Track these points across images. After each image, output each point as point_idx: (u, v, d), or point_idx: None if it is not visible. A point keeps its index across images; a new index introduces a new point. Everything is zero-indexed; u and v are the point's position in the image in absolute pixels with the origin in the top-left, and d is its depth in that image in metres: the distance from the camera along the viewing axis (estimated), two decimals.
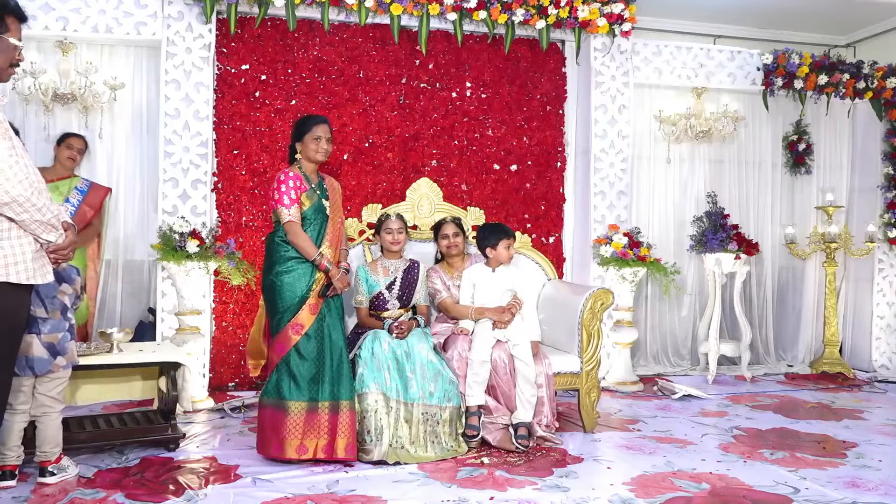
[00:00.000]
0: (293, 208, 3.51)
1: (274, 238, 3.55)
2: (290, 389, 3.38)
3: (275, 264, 3.50)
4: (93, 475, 3.17)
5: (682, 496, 3.03)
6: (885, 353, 6.24)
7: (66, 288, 3.13)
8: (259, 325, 3.98)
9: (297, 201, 3.52)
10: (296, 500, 2.92)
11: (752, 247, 5.74)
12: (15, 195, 2.19)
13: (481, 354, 3.70)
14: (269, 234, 3.60)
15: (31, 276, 2.32)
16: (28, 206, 2.23)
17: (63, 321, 3.12)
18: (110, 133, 5.02)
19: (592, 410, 4.04)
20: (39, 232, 2.32)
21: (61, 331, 3.10)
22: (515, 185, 5.56)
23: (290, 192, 3.53)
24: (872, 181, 6.28)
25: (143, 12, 4.79)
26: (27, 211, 2.24)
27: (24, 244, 2.30)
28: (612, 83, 5.56)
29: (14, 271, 2.27)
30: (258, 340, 4.01)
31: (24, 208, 2.23)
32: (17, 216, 2.25)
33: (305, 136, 3.63)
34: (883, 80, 6.10)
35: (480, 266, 3.99)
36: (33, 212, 2.25)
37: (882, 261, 6.26)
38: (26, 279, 2.30)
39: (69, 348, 3.14)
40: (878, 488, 3.15)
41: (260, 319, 3.92)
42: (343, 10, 5.07)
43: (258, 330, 4.00)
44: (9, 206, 2.21)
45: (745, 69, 6.04)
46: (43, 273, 2.37)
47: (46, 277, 2.39)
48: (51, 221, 2.32)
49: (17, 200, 2.20)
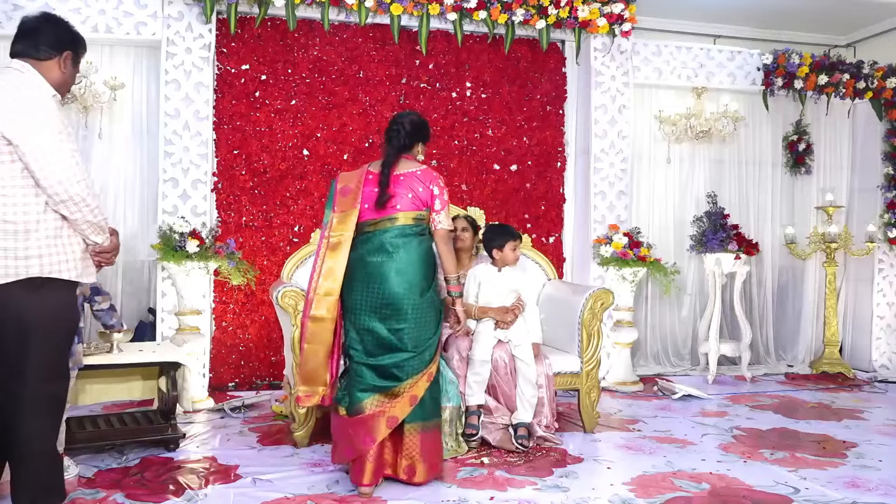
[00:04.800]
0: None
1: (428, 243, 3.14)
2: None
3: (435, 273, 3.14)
4: (93, 475, 3.17)
5: (682, 496, 3.03)
6: (885, 353, 6.24)
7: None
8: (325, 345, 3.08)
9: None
10: (296, 500, 2.92)
11: (752, 247, 5.74)
12: (73, 193, 2.34)
13: (482, 354, 3.70)
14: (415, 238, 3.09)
15: (80, 275, 2.46)
16: (83, 206, 2.38)
17: None
18: (110, 133, 5.01)
19: (592, 410, 4.04)
20: (89, 233, 2.46)
21: None
22: (515, 185, 5.56)
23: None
24: (872, 181, 6.28)
25: (143, 12, 4.79)
26: (81, 210, 2.38)
27: (74, 243, 2.44)
28: (612, 83, 5.56)
29: (66, 268, 2.41)
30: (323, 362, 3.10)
31: (78, 207, 2.37)
32: (70, 214, 2.38)
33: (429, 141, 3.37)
34: (883, 80, 6.10)
35: (487, 266, 3.99)
36: (86, 212, 2.39)
37: (882, 261, 6.26)
38: (76, 276, 2.44)
39: (75, 351, 3.13)
40: (878, 488, 3.15)
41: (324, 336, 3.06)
42: (343, 10, 5.07)
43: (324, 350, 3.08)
44: (65, 204, 2.35)
45: (745, 69, 6.04)
46: (88, 273, 2.50)
47: (90, 278, 2.51)
48: (101, 223, 2.47)
49: (74, 199, 2.35)
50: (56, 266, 2.39)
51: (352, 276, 3.07)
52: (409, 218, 3.09)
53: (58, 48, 2.50)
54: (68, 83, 2.58)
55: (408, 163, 3.19)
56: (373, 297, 3.04)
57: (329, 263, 3.05)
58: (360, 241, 3.09)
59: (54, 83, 2.49)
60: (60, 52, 2.51)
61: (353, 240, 3.08)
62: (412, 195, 3.10)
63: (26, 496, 2.44)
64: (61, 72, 2.52)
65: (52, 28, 2.52)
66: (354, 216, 3.08)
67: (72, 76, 2.58)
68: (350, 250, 3.07)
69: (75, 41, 2.58)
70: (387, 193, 3.07)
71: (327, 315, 3.03)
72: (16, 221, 2.33)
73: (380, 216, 3.09)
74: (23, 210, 2.34)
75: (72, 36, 2.57)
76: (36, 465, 2.46)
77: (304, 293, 3.63)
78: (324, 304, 3.02)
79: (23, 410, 2.42)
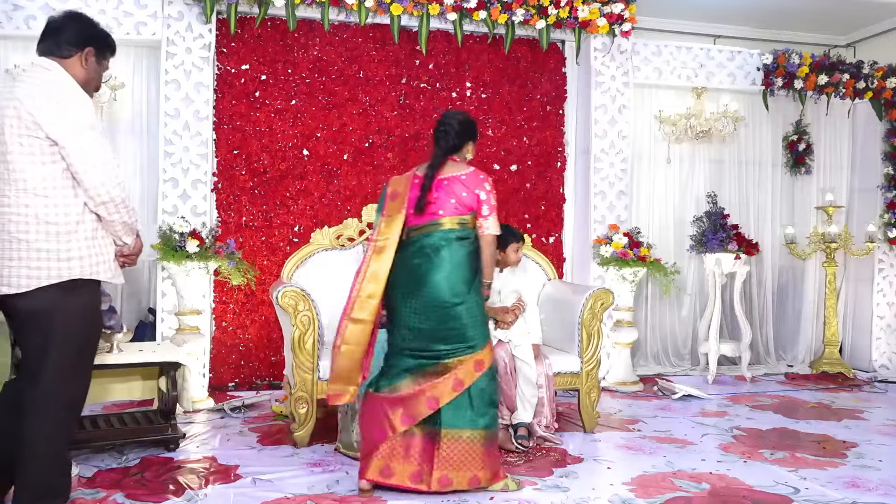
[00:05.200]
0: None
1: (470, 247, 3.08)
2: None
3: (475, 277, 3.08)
4: (93, 475, 3.17)
5: (682, 496, 3.03)
6: (885, 353, 6.24)
7: None
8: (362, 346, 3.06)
9: None
10: (296, 500, 2.92)
11: (752, 247, 5.74)
12: (114, 195, 2.40)
13: None
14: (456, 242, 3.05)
15: (114, 276, 2.52)
16: (121, 208, 2.43)
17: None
18: (110, 133, 5.01)
19: (592, 410, 4.04)
20: (122, 234, 2.51)
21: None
22: (515, 185, 5.56)
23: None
24: (872, 181, 6.28)
25: (143, 12, 4.79)
26: (119, 212, 2.43)
27: (108, 244, 2.50)
28: (612, 83, 5.56)
29: (103, 269, 2.47)
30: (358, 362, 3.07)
31: (117, 209, 2.43)
32: (108, 215, 2.43)
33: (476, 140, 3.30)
34: (883, 80, 6.10)
35: None
36: (123, 213, 2.45)
37: (882, 261, 6.26)
38: (110, 277, 2.51)
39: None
40: (878, 488, 3.15)
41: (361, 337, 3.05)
42: (343, 10, 5.07)
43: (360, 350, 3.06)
44: (105, 206, 2.40)
45: (745, 69, 6.04)
46: (118, 274, 2.57)
47: (120, 278, 2.59)
48: (133, 224, 2.52)
49: (115, 200, 2.41)
50: (94, 267, 2.44)
51: (395, 279, 3.04)
52: (453, 222, 3.05)
53: (79, 45, 2.51)
54: (92, 81, 2.59)
55: (454, 165, 3.14)
56: (415, 301, 3.02)
57: (374, 267, 3.04)
58: (405, 245, 3.07)
59: (78, 80, 2.49)
60: (81, 49, 2.52)
61: (400, 243, 3.06)
62: (455, 200, 3.06)
63: (27, 495, 2.44)
64: (83, 68, 2.53)
65: (74, 25, 2.53)
66: (400, 221, 3.07)
67: (96, 73, 2.59)
68: (395, 254, 3.05)
69: (97, 38, 2.58)
70: (426, 199, 3.04)
71: (368, 318, 3.02)
72: (57, 223, 2.36)
73: (423, 221, 3.06)
74: (64, 211, 2.37)
75: (94, 32, 2.58)
76: (39, 465, 2.46)
77: (306, 294, 3.67)
78: (366, 307, 3.02)
79: (33, 410, 2.42)
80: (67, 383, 2.47)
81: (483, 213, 3.08)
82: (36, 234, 2.35)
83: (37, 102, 2.35)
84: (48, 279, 2.35)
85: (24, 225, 2.35)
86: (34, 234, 2.35)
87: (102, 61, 2.61)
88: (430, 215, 3.05)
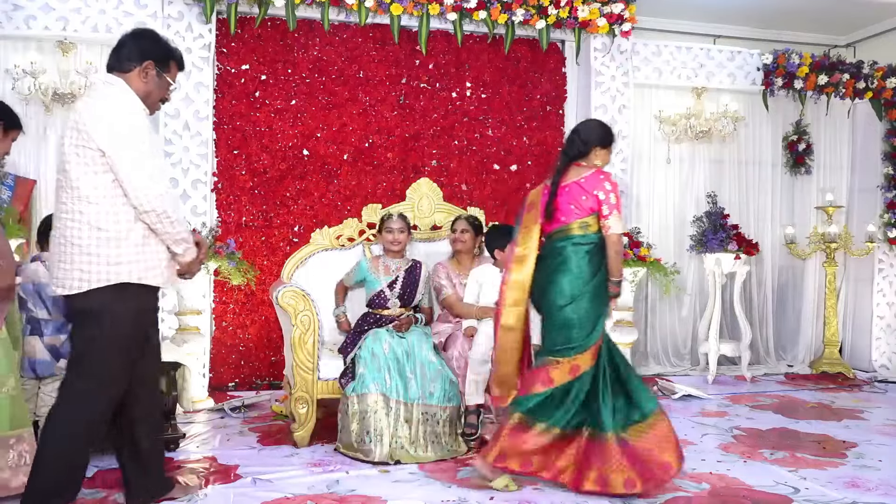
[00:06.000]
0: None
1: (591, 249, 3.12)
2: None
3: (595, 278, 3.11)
4: (93, 475, 3.17)
5: (682, 496, 3.02)
6: (885, 353, 6.24)
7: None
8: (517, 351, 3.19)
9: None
10: (296, 500, 2.92)
11: (752, 247, 5.74)
12: (154, 206, 2.46)
13: (482, 354, 3.70)
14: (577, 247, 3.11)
15: (165, 281, 2.61)
16: (163, 218, 2.49)
17: (66, 323, 3.12)
18: None
19: None
20: (170, 243, 2.58)
21: (65, 333, 3.10)
22: (515, 185, 5.56)
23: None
24: (872, 181, 6.28)
25: (143, 12, 4.79)
26: (161, 222, 2.49)
27: (160, 251, 2.57)
28: (612, 83, 5.56)
29: (152, 275, 2.55)
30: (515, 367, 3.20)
31: (159, 219, 2.49)
32: (152, 224, 2.51)
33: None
34: (883, 80, 6.10)
35: (489, 266, 3.99)
36: (166, 223, 2.50)
37: (882, 261, 6.26)
38: (161, 283, 2.59)
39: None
40: (878, 488, 3.15)
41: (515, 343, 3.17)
42: (343, 10, 5.07)
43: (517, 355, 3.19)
44: (147, 215, 2.48)
45: (745, 69, 6.04)
46: (169, 280, 2.64)
47: (171, 285, 2.68)
48: (177, 235, 2.56)
49: (156, 211, 2.47)
50: (144, 272, 2.52)
51: (533, 286, 3.15)
52: (576, 227, 3.12)
53: (138, 59, 2.60)
54: (154, 94, 2.65)
55: (578, 170, 3.19)
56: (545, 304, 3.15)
57: (515, 276, 3.15)
58: (541, 253, 3.18)
59: (139, 94, 2.59)
60: (141, 63, 2.60)
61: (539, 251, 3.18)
62: (574, 205, 3.12)
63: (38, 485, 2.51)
64: (143, 82, 2.61)
65: (135, 40, 2.64)
66: (537, 230, 3.18)
67: (157, 87, 2.65)
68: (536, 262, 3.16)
69: (156, 51, 2.65)
70: (551, 206, 3.15)
71: (516, 324, 3.13)
72: (108, 229, 2.46)
73: (552, 228, 3.18)
74: (114, 219, 2.46)
75: (153, 47, 2.65)
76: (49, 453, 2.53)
77: (306, 294, 3.68)
78: (512, 314, 3.13)
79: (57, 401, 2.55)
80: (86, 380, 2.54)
81: (604, 212, 3.11)
82: (88, 240, 2.46)
83: (91, 115, 2.46)
84: (98, 282, 2.46)
85: (78, 230, 2.46)
86: (87, 239, 2.46)
87: (164, 74, 2.66)
88: (556, 222, 3.16)
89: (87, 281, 2.46)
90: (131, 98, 2.55)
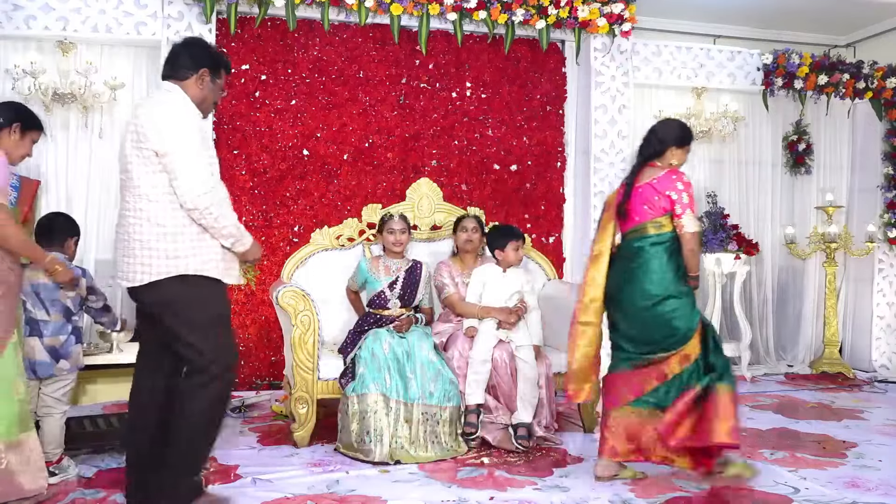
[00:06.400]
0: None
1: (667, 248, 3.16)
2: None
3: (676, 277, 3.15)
4: (93, 475, 3.17)
5: (682, 496, 3.03)
6: (885, 353, 6.24)
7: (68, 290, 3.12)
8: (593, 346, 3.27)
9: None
10: (296, 500, 2.93)
11: (752, 247, 5.74)
12: (197, 203, 2.60)
13: (483, 354, 3.71)
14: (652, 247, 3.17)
15: (222, 274, 2.73)
16: (206, 215, 2.62)
17: (66, 324, 3.12)
18: (110, 133, 5.01)
19: (592, 410, 4.03)
20: (220, 238, 2.71)
21: (64, 334, 3.09)
22: (515, 185, 5.56)
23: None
24: (872, 181, 6.28)
25: (143, 12, 4.79)
26: (205, 218, 2.63)
27: (216, 245, 2.71)
28: (612, 83, 5.56)
29: (210, 267, 2.69)
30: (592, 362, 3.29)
31: (202, 216, 2.62)
32: (198, 220, 2.64)
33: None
34: (883, 80, 6.10)
35: (492, 266, 4.00)
36: (210, 220, 2.64)
37: (882, 261, 6.26)
38: (217, 275, 2.71)
39: (73, 352, 3.13)
40: (878, 488, 3.15)
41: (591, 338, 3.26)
42: (343, 10, 5.07)
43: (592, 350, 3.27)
44: (192, 213, 2.62)
45: (745, 69, 6.04)
46: (230, 274, 2.77)
47: (232, 279, 2.79)
48: (224, 230, 2.69)
49: (199, 208, 2.60)
50: (202, 265, 2.66)
51: (607, 285, 3.24)
52: (649, 227, 3.18)
53: (194, 67, 2.76)
54: (208, 99, 2.83)
55: (651, 171, 3.24)
56: (619, 306, 3.23)
57: (592, 273, 3.26)
58: (616, 252, 3.28)
59: (195, 100, 2.75)
60: (196, 71, 2.76)
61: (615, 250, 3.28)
62: (647, 206, 3.18)
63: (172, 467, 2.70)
64: (199, 89, 2.77)
65: (188, 49, 2.80)
66: (611, 229, 3.27)
67: (212, 92, 2.83)
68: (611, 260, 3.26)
69: (209, 59, 2.82)
70: (624, 206, 3.22)
71: (594, 320, 3.24)
72: (166, 224, 2.61)
73: (626, 228, 3.25)
74: (171, 215, 2.62)
75: (206, 54, 2.83)
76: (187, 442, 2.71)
77: (306, 294, 3.68)
78: (591, 311, 3.24)
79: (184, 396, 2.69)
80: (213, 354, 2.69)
81: (677, 212, 3.16)
82: (149, 235, 2.61)
83: (149, 119, 2.61)
84: (158, 275, 2.62)
85: (139, 226, 2.62)
86: (147, 234, 2.62)
87: (217, 80, 2.84)
88: (630, 221, 3.22)
89: (149, 273, 2.62)
90: (187, 104, 2.71)
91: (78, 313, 3.21)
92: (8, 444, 2.68)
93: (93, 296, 3.27)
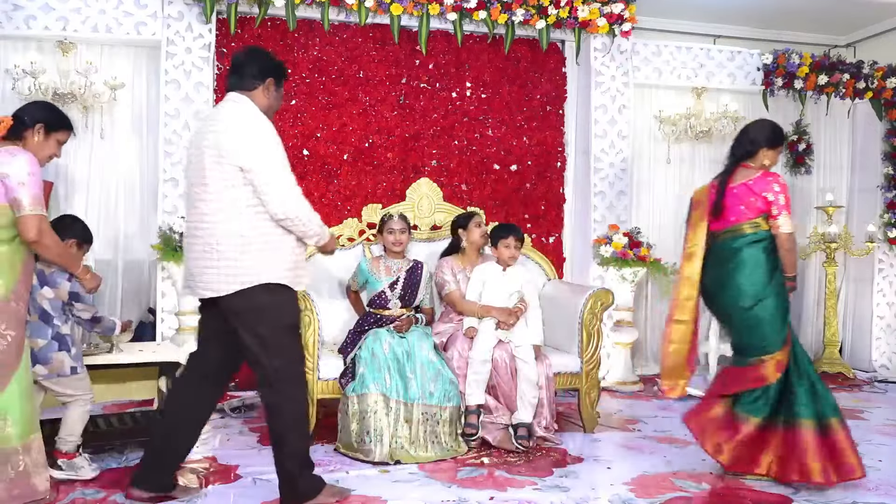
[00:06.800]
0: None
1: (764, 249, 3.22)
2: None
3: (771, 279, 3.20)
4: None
5: (682, 496, 3.03)
6: (885, 353, 6.24)
7: (48, 292, 3.01)
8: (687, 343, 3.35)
9: None
10: None
11: None
12: (288, 212, 2.70)
13: (482, 354, 3.71)
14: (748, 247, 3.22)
15: (292, 282, 2.80)
16: (297, 223, 2.73)
17: (45, 327, 2.99)
18: (110, 133, 5.01)
19: (592, 410, 4.04)
20: (306, 239, 2.83)
21: (44, 338, 2.97)
22: (515, 185, 5.56)
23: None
24: (872, 181, 6.28)
25: (143, 12, 4.79)
26: (295, 225, 2.73)
27: (290, 256, 2.79)
28: (612, 83, 5.56)
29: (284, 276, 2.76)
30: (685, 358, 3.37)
31: (293, 223, 2.73)
32: (290, 228, 2.74)
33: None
34: (883, 80, 6.10)
35: (492, 264, 4.01)
36: (299, 225, 2.74)
37: (882, 261, 6.26)
38: (291, 282, 2.79)
39: (52, 359, 2.98)
40: (878, 488, 3.15)
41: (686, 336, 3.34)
42: (343, 10, 5.07)
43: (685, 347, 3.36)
44: (283, 222, 2.72)
45: (745, 69, 6.04)
46: (298, 282, 2.84)
47: (300, 286, 2.87)
48: (311, 231, 2.80)
49: (290, 217, 2.70)
50: (277, 273, 2.74)
51: (702, 284, 3.30)
52: (745, 227, 3.22)
53: (261, 77, 2.84)
54: (273, 107, 2.91)
55: (745, 172, 3.28)
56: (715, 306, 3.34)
57: (686, 272, 3.32)
58: (709, 251, 3.30)
59: (262, 108, 2.81)
60: (263, 80, 2.84)
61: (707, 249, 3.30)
62: (744, 206, 3.22)
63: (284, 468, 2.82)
64: (266, 98, 2.85)
65: (253, 60, 2.87)
66: (703, 228, 3.30)
67: (276, 100, 2.92)
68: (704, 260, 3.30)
69: (275, 68, 2.89)
70: (719, 206, 3.26)
71: (688, 318, 3.31)
72: (244, 236, 2.68)
73: (721, 227, 3.28)
74: (249, 227, 2.69)
75: (271, 63, 2.90)
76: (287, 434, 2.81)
77: (306, 294, 3.68)
78: (685, 309, 3.31)
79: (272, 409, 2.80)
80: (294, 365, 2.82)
81: (773, 213, 3.19)
82: (227, 246, 2.68)
83: (229, 134, 2.68)
84: (237, 285, 2.69)
85: (219, 238, 2.69)
86: (225, 245, 2.68)
87: (280, 89, 2.93)
88: (724, 221, 3.26)
89: (227, 283, 2.69)
90: (260, 115, 2.77)
91: (61, 319, 3.06)
92: (24, 446, 2.69)
93: (79, 304, 3.11)
